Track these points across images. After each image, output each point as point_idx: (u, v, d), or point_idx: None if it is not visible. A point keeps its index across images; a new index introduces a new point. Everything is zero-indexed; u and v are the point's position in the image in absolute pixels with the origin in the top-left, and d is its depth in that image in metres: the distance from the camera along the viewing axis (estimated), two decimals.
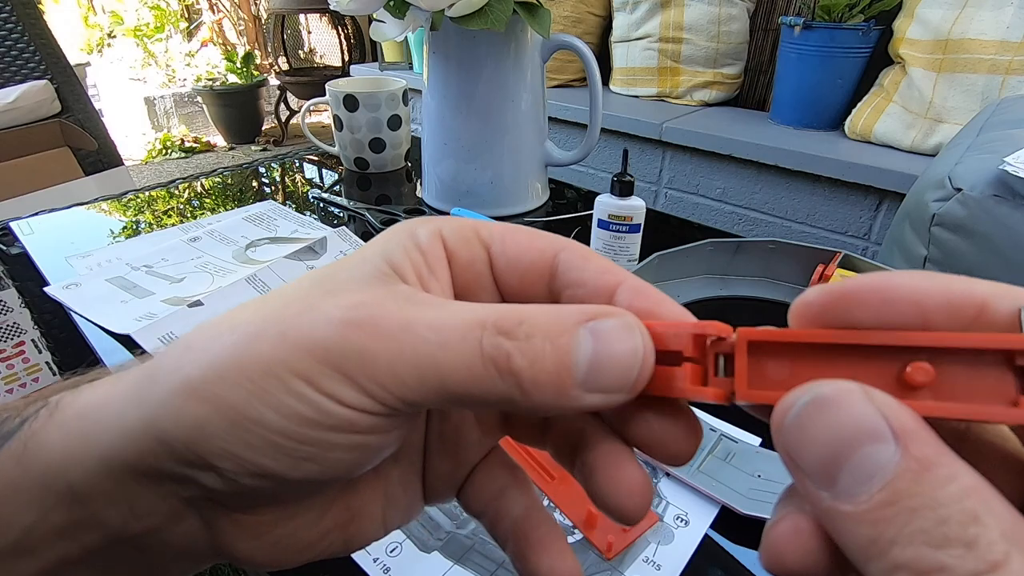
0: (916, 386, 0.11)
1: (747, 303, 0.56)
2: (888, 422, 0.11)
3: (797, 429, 0.12)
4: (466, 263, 0.17)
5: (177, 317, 0.49)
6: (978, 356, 0.11)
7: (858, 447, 0.11)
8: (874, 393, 0.11)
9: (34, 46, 1.48)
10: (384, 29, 0.64)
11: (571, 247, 0.16)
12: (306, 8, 2.72)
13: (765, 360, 0.13)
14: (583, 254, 0.16)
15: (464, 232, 0.17)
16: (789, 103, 1.38)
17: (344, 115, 0.82)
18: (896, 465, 0.10)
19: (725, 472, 0.36)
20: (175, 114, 3.05)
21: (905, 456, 0.10)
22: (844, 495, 0.11)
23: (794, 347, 0.13)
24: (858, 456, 0.10)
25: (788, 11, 1.45)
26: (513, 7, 0.58)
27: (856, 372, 0.12)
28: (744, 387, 0.13)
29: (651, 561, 0.32)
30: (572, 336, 0.13)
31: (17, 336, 0.99)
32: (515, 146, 0.69)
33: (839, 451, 0.11)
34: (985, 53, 1.09)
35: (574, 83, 1.73)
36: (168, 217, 0.75)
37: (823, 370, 0.12)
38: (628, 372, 0.13)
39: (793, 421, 0.12)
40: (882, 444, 0.10)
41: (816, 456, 0.11)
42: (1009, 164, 0.61)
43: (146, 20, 3.00)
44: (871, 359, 0.12)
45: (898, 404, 0.11)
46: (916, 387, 0.11)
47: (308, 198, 0.80)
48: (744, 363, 0.13)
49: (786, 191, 1.30)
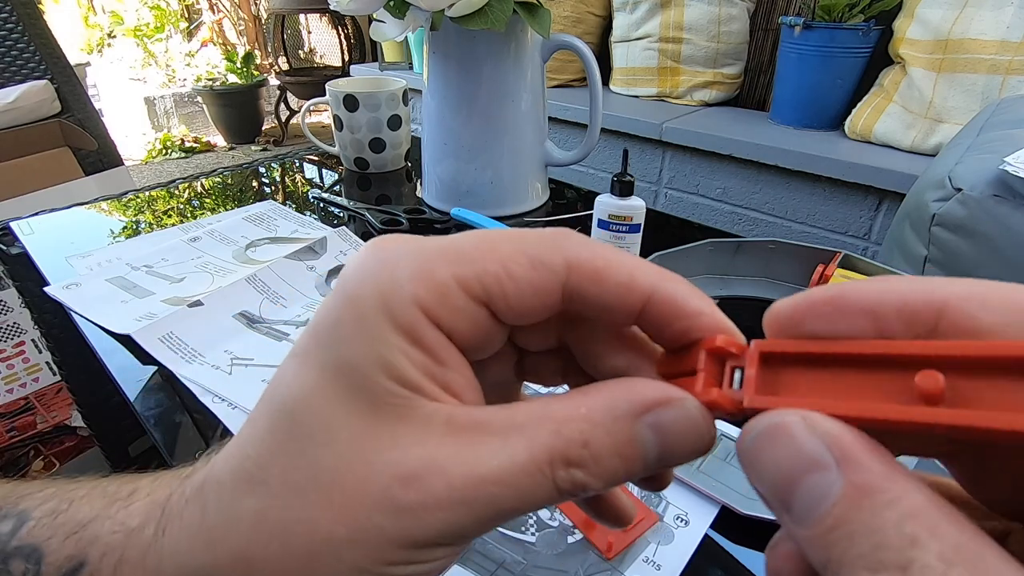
0: (928, 396, 0.11)
1: (747, 303, 0.56)
2: (831, 450, 0.11)
3: (751, 461, 0.12)
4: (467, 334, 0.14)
5: (177, 317, 0.49)
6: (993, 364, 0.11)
7: (803, 476, 0.11)
8: (817, 421, 0.11)
9: (34, 46, 1.48)
10: (384, 29, 0.64)
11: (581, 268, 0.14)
12: (306, 8, 2.72)
13: (779, 370, 0.13)
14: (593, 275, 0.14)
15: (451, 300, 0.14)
16: (789, 103, 1.38)
17: (344, 115, 0.82)
18: (837, 492, 0.10)
19: (725, 472, 0.36)
20: (175, 114, 3.05)
21: (846, 482, 0.10)
22: (798, 520, 0.11)
23: (806, 358, 0.13)
24: (804, 484, 0.11)
25: (788, 11, 1.45)
26: (513, 7, 0.58)
27: (867, 382, 0.12)
28: (752, 392, 0.13)
29: (651, 561, 0.32)
30: (638, 442, 0.13)
31: (17, 336, 0.99)
32: (515, 146, 0.69)
33: (788, 481, 0.11)
34: (985, 53, 1.09)
35: (574, 83, 1.73)
36: (168, 217, 0.75)
37: (834, 381, 0.13)
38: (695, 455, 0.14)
39: (747, 453, 0.12)
40: (824, 472, 0.11)
41: (770, 484, 0.12)
42: (1009, 164, 0.61)
43: (146, 20, 3.00)
44: (881, 369, 0.12)
45: (843, 430, 0.11)
46: (928, 397, 0.11)
47: (308, 198, 0.80)
48: (754, 372, 0.13)
49: (786, 191, 1.30)
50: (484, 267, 0.14)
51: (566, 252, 0.14)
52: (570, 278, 0.14)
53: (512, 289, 0.14)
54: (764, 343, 0.13)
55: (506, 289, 0.14)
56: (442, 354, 0.14)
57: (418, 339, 0.13)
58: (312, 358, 0.14)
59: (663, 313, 0.14)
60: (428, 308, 0.13)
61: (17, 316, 0.97)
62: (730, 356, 0.14)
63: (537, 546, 0.33)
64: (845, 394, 0.12)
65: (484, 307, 0.14)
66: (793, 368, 0.13)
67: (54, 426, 1.02)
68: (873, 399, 0.12)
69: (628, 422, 0.13)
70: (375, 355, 0.13)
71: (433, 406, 0.13)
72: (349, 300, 0.14)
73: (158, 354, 0.45)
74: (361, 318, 0.13)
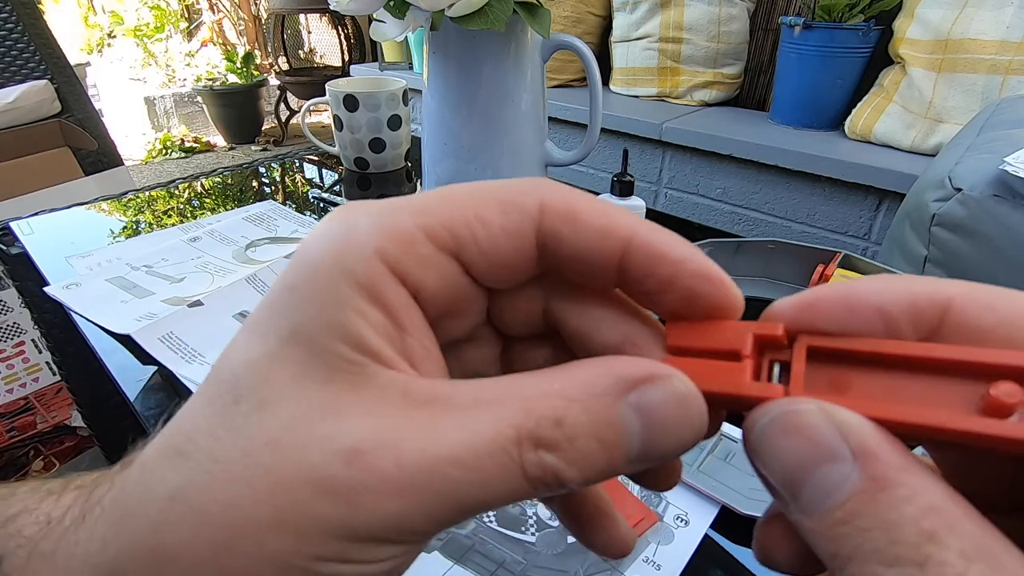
0: (1001, 409, 0.10)
1: (747, 303, 0.56)
2: (847, 441, 0.10)
3: (761, 446, 0.12)
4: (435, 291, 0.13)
5: (177, 317, 0.49)
6: None
7: (815, 467, 0.11)
8: (835, 411, 0.11)
9: (34, 46, 1.48)
10: (384, 29, 0.64)
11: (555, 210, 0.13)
12: (306, 8, 2.72)
13: (824, 369, 0.12)
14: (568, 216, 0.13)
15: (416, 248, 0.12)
16: (789, 103, 1.38)
17: (344, 115, 0.82)
18: (852, 485, 0.10)
19: (725, 472, 0.36)
20: (175, 114, 3.05)
21: (862, 476, 0.10)
22: (806, 511, 0.11)
23: (857, 357, 0.12)
24: (816, 475, 0.11)
25: (788, 11, 1.45)
26: (513, 7, 0.58)
27: (927, 389, 0.11)
28: (800, 391, 0.12)
29: (651, 561, 0.32)
30: (619, 425, 0.12)
31: (17, 336, 0.99)
32: (515, 146, 0.69)
33: (799, 470, 0.11)
34: (985, 53, 1.09)
35: (574, 83, 1.73)
36: (168, 217, 0.75)
37: (888, 385, 0.12)
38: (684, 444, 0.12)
39: (758, 438, 0.12)
40: (839, 464, 0.10)
41: (779, 473, 0.11)
42: (1009, 164, 0.61)
43: (146, 20, 3.00)
44: (946, 376, 0.11)
45: (862, 422, 0.11)
46: (1001, 409, 0.10)
47: (308, 198, 0.80)
48: (801, 370, 0.12)
49: (786, 191, 1.30)
50: (451, 214, 0.13)
51: (540, 194, 0.13)
52: (544, 220, 0.13)
53: (483, 235, 0.13)
54: (813, 337, 0.12)
55: (476, 234, 0.13)
56: (403, 316, 0.12)
57: (378, 296, 0.12)
58: (264, 326, 0.12)
59: (645, 260, 0.13)
60: (390, 258, 0.12)
61: (17, 316, 0.97)
62: (773, 346, 0.13)
63: (537, 546, 0.33)
64: (901, 398, 0.12)
65: (454, 259, 0.13)
66: (840, 367, 0.12)
67: (54, 426, 1.02)
68: (934, 406, 0.11)
69: (609, 401, 0.12)
70: (329, 317, 0.12)
71: (390, 374, 0.12)
72: (304, 263, 0.12)
73: (158, 354, 0.45)
74: (315, 279, 0.12)
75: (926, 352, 0.11)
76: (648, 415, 0.12)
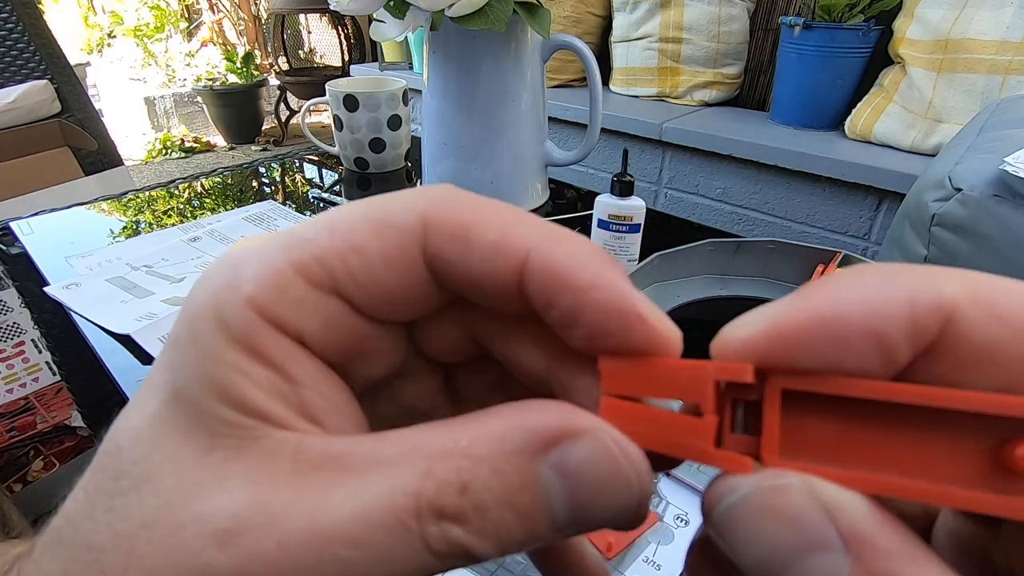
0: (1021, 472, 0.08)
1: (747, 303, 0.56)
2: (837, 526, 0.09)
3: (732, 528, 0.10)
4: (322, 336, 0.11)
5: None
6: None
7: (799, 557, 0.09)
8: (821, 488, 0.09)
9: (34, 46, 1.48)
10: (384, 29, 0.64)
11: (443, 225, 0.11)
12: (306, 8, 2.72)
13: (805, 417, 0.10)
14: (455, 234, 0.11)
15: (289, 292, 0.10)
16: (789, 103, 1.38)
17: (344, 115, 0.82)
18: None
19: None
20: (175, 114, 3.05)
21: (854, 569, 0.08)
22: None
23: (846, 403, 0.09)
24: (800, 567, 0.09)
25: (788, 11, 1.45)
26: (513, 7, 0.58)
27: (933, 444, 0.09)
28: (775, 454, 0.10)
29: (651, 561, 0.32)
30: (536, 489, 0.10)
31: (17, 336, 0.99)
32: (515, 146, 0.69)
33: (778, 559, 0.09)
34: (985, 53, 1.09)
35: (574, 83, 1.73)
36: (168, 217, 0.75)
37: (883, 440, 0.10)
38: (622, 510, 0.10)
39: (726, 518, 0.10)
40: (828, 554, 0.09)
41: (754, 561, 0.09)
42: (1009, 164, 0.61)
43: (146, 20, 3.00)
44: (955, 428, 0.09)
45: (854, 501, 0.09)
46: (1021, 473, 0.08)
47: (308, 198, 0.80)
48: (775, 420, 0.10)
49: (786, 191, 1.30)
50: (322, 244, 0.11)
51: (423, 208, 0.11)
52: (430, 239, 0.11)
53: (358, 264, 0.11)
54: (788, 378, 0.10)
55: (351, 266, 0.11)
56: (292, 368, 0.10)
57: (257, 350, 0.10)
58: (152, 384, 0.11)
59: (542, 286, 0.10)
60: (264, 308, 0.10)
61: (17, 316, 0.97)
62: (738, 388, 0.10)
63: None
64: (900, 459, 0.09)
65: (335, 296, 0.11)
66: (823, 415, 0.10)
67: (54, 426, 1.02)
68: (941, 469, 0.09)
69: (522, 461, 0.10)
70: (207, 377, 0.10)
71: (280, 436, 0.10)
72: (186, 313, 0.11)
73: (158, 354, 0.45)
74: (194, 333, 0.10)
75: (933, 400, 0.09)
76: (571, 477, 0.10)
